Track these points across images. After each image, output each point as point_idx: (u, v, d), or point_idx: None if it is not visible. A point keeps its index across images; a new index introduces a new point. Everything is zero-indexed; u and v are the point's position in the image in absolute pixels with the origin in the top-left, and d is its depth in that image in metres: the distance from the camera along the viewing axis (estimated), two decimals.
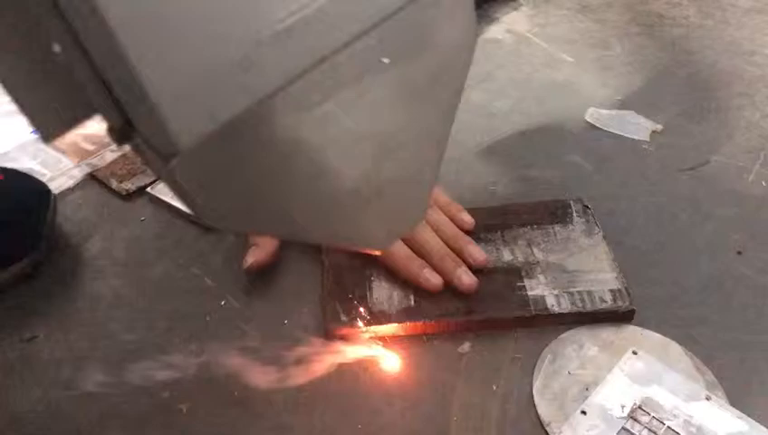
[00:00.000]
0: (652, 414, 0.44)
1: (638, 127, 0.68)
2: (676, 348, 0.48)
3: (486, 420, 0.45)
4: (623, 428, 0.44)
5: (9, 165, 0.58)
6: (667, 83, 0.74)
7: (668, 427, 0.44)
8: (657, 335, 0.49)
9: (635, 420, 0.44)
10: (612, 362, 0.47)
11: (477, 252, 0.52)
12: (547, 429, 0.44)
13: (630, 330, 0.49)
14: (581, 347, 0.48)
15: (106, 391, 0.47)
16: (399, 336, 0.49)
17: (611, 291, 0.50)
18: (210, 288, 0.53)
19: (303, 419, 0.45)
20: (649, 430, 0.44)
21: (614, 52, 0.78)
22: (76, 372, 0.48)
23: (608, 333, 0.49)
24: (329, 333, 0.49)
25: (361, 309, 0.50)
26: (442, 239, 0.52)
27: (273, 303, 0.52)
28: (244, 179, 0.27)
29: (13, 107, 0.69)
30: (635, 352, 0.48)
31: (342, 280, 0.52)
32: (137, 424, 0.45)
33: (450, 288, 0.51)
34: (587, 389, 0.46)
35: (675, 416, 0.44)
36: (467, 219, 0.55)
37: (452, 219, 0.54)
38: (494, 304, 0.50)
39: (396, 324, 0.49)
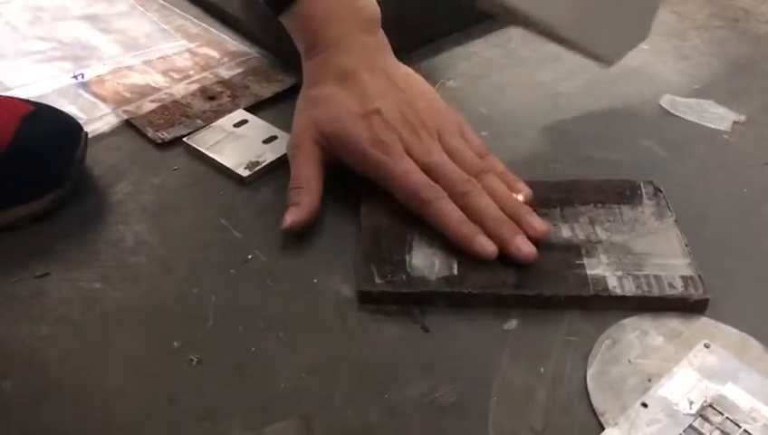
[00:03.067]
0: (726, 415, 0.38)
1: (717, 116, 0.62)
2: (755, 345, 0.42)
3: (531, 403, 0.39)
4: (691, 426, 0.38)
5: None
6: (751, 76, 0.67)
7: (745, 430, 0.37)
8: (734, 330, 0.43)
9: (705, 418, 0.38)
10: (680, 355, 0.41)
11: (538, 222, 0.47)
12: (601, 419, 0.38)
13: (702, 322, 0.43)
14: (645, 335, 0.43)
15: (114, 334, 0.43)
16: (438, 306, 0.44)
17: (683, 277, 0.45)
18: (238, 241, 0.49)
19: (325, 383, 0.40)
20: (722, 431, 0.37)
21: (692, 43, 0.72)
22: (84, 314, 0.44)
23: (676, 322, 0.43)
24: (361, 295, 0.45)
25: (398, 274, 0.45)
26: (499, 206, 0.47)
27: (303, 261, 0.48)
28: None
29: (55, 53, 0.67)
30: (707, 346, 0.42)
31: (380, 242, 0.47)
32: (143, 371, 0.41)
33: (498, 259, 0.46)
34: (649, 380, 0.40)
35: (753, 419, 0.38)
36: (525, 190, 0.50)
37: (509, 188, 0.49)
38: (547, 279, 0.45)
39: (435, 293, 0.44)
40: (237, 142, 0.56)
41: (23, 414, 0.39)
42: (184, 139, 0.57)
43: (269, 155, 0.55)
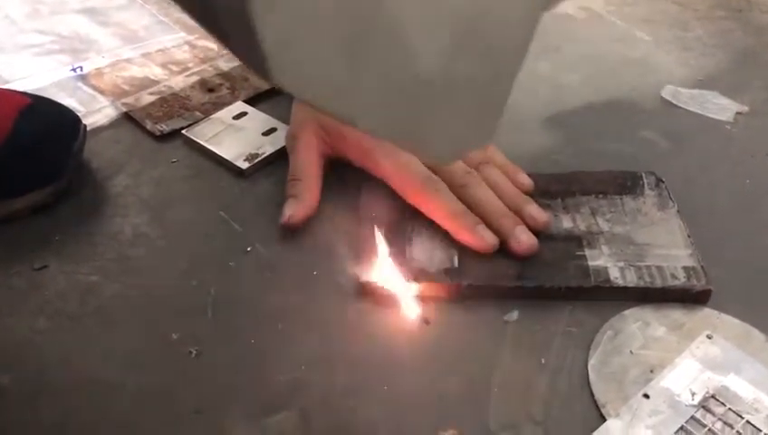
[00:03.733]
0: (728, 406, 0.38)
1: (720, 107, 0.61)
2: (758, 336, 0.42)
3: (532, 394, 0.39)
4: (693, 417, 0.37)
5: None
6: (755, 67, 0.67)
7: (747, 421, 0.37)
8: (737, 321, 0.43)
9: (707, 410, 0.38)
10: (682, 346, 0.41)
11: (538, 212, 0.46)
12: (602, 410, 0.38)
13: (705, 312, 0.43)
14: (647, 326, 0.42)
15: (112, 327, 0.43)
16: (438, 298, 0.44)
17: (685, 268, 0.44)
18: (237, 234, 0.49)
19: (324, 376, 0.40)
20: (724, 422, 0.37)
21: (695, 33, 0.72)
22: (82, 306, 0.44)
23: (678, 313, 0.43)
24: (361, 288, 0.44)
25: (398, 266, 0.45)
26: (499, 197, 0.47)
27: (303, 253, 0.47)
28: (322, 30, 0.23)
29: (54, 46, 0.66)
30: (709, 337, 0.41)
31: (380, 234, 0.47)
32: (141, 363, 0.41)
33: (499, 251, 0.45)
34: (651, 371, 0.40)
35: (756, 410, 0.38)
36: (526, 181, 0.49)
37: (509, 179, 0.49)
38: (548, 270, 0.44)
39: (435, 285, 0.44)
40: (236, 134, 0.56)
41: (21, 407, 0.38)
42: (183, 131, 0.56)
43: (268, 147, 0.54)
